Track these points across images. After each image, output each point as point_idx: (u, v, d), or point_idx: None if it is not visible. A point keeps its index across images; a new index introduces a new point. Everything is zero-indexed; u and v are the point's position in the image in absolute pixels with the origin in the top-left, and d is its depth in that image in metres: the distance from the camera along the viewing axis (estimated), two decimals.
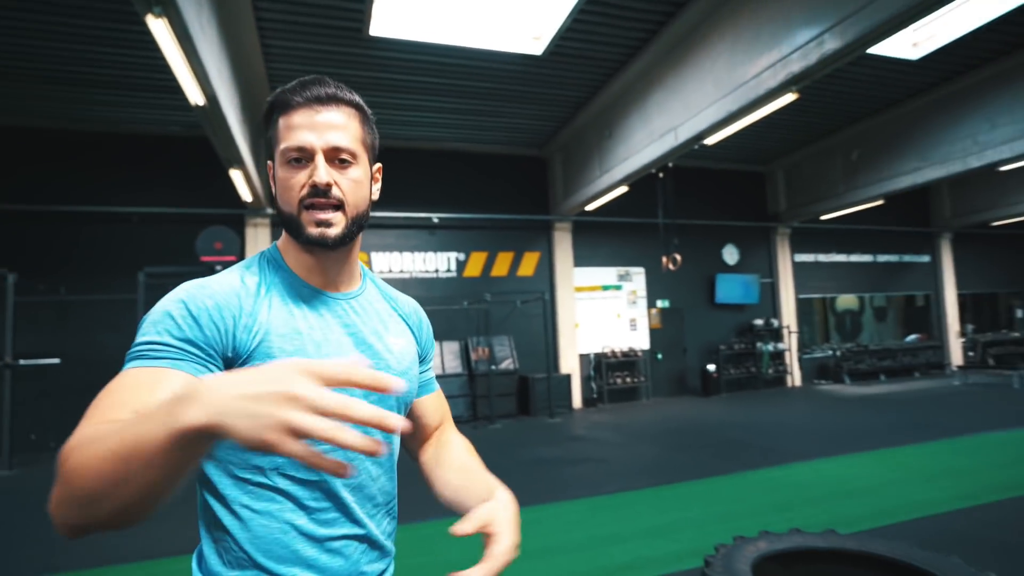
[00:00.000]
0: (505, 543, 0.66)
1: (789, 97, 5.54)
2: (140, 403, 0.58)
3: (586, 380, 9.38)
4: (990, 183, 11.24)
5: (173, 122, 7.36)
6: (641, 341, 9.87)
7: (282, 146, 0.75)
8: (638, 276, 9.97)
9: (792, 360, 10.78)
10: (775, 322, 10.73)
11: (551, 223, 9.34)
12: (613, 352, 9.42)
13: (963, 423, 6.24)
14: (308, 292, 0.80)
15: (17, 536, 3.78)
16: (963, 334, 12.60)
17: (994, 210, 11.49)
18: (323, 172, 0.74)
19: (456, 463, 0.89)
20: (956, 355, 12.34)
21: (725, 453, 5.24)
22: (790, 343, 10.76)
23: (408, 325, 0.93)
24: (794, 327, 10.90)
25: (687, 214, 9.91)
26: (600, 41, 6.13)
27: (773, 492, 4.02)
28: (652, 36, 6.18)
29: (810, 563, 2.45)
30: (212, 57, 4.35)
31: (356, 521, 0.77)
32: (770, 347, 10.47)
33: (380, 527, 0.82)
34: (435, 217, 8.48)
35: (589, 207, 8.69)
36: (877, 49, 6.20)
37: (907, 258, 12.55)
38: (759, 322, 10.60)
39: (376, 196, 0.84)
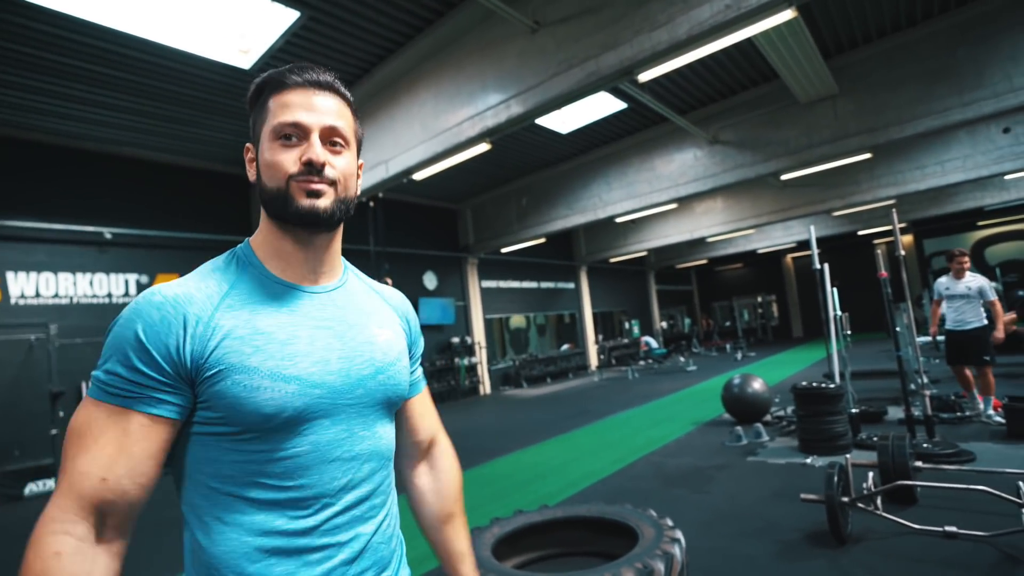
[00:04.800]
0: None
1: (484, 147, 6.53)
2: (110, 466, 0.64)
3: None
4: (610, 231, 15.19)
5: None
6: None
7: (274, 122, 0.73)
8: None
9: (483, 372, 12.32)
10: (469, 340, 12.11)
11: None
12: None
13: (606, 408, 8.24)
14: (280, 288, 0.75)
15: None
16: (597, 342, 16.49)
17: (612, 250, 15.52)
18: (319, 149, 0.72)
19: (446, 510, 0.97)
20: (594, 358, 16.05)
21: None
22: (481, 357, 12.28)
23: (398, 316, 0.90)
24: (483, 343, 12.49)
25: (394, 243, 10.44)
26: None
27: (490, 484, 4.64)
28: (364, 74, 6.47)
29: (535, 535, 3.01)
30: None
31: (340, 528, 0.72)
32: (466, 362, 11.75)
33: (375, 532, 0.76)
34: (107, 232, 6.85)
35: None
36: (543, 121, 7.88)
37: (560, 285, 15.82)
38: (456, 340, 11.81)
39: (359, 191, 0.81)
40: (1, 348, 6.13)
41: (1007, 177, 11.63)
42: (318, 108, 0.73)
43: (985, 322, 5.08)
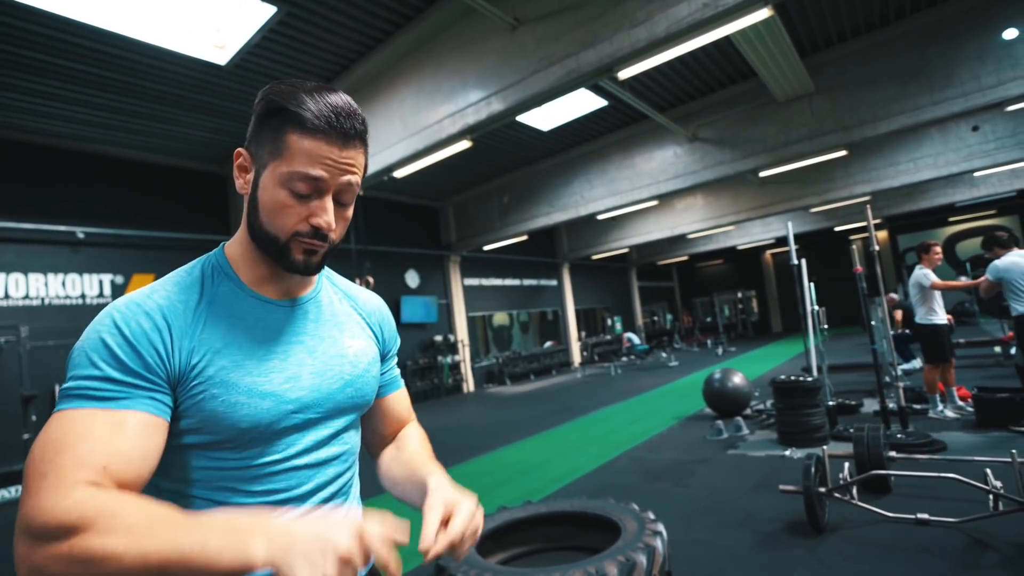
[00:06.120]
0: (461, 516, 0.68)
1: (465, 144, 6.51)
2: (109, 455, 0.58)
3: None
4: (592, 228, 15.26)
5: None
6: None
7: (292, 168, 0.68)
8: None
9: (466, 369, 12.30)
10: (451, 338, 12.08)
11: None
12: None
13: (589, 404, 8.28)
14: (255, 303, 0.76)
15: None
16: (580, 339, 16.56)
17: (594, 247, 15.60)
18: (332, 217, 0.71)
19: (403, 458, 0.90)
20: (576, 355, 16.12)
21: None
22: (464, 355, 12.26)
23: (368, 324, 0.90)
24: (466, 341, 12.47)
25: (376, 241, 10.36)
26: (291, 65, 6.01)
27: (474, 481, 4.63)
28: (344, 70, 6.40)
29: (520, 530, 3.02)
30: None
31: None
32: (449, 360, 11.71)
33: None
34: (80, 232, 6.69)
35: None
36: (524, 118, 7.87)
37: (543, 282, 15.86)
38: (439, 338, 11.76)
39: None
40: None
41: (976, 174, 11.93)
42: (342, 164, 0.70)
43: None
